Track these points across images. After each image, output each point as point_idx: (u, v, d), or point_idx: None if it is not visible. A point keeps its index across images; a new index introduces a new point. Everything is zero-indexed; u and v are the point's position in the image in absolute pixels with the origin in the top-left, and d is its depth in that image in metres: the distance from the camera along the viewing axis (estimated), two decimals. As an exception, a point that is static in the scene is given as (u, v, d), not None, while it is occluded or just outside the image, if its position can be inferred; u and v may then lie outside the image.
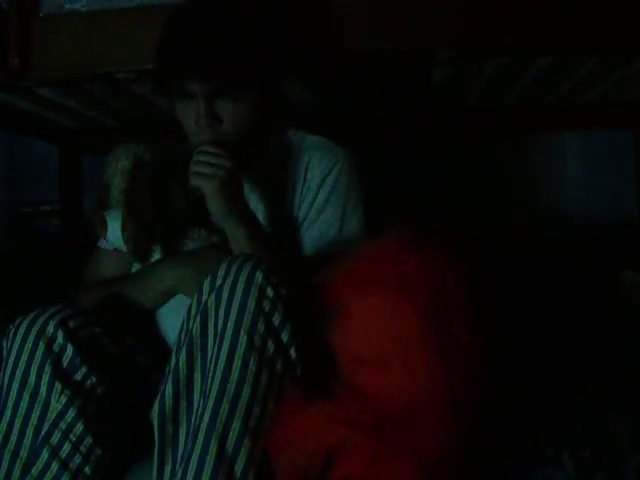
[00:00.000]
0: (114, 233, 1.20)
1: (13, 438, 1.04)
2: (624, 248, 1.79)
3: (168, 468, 0.95)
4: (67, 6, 1.40)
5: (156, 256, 1.25)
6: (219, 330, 0.96)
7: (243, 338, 0.94)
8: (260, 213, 1.29)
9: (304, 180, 1.31)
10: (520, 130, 2.11)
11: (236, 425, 0.92)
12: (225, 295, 0.96)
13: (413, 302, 0.97)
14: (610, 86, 1.77)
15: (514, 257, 1.66)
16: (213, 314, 0.97)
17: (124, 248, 1.21)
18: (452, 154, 2.09)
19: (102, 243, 1.33)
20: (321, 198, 1.30)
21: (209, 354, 0.96)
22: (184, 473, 0.91)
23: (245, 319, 0.95)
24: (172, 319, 1.21)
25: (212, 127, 1.18)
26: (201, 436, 0.92)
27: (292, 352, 0.97)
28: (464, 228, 1.07)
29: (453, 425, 0.94)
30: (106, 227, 1.20)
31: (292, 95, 1.72)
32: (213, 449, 0.91)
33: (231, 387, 0.93)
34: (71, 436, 1.04)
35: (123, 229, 1.19)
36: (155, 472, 0.96)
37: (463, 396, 0.95)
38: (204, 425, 0.92)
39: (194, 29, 1.17)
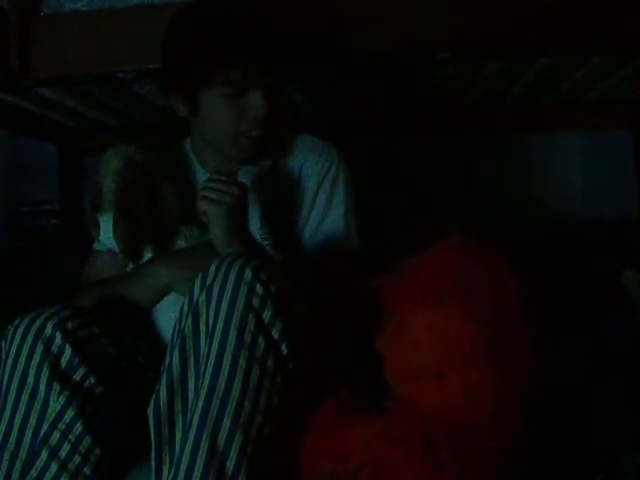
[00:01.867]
0: (106, 233, 1.20)
1: (12, 439, 1.04)
2: (624, 248, 1.79)
3: (166, 468, 0.95)
4: (67, 6, 1.39)
5: (148, 255, 1.25)
6: (210, 328, 0.96)
7: (233, 335, 0.94)
8: (256, 214, 1.29)
9: (299, 180, 1.32)
10: (520, 130, 2.11)
11: (227, 421, 0.92)
12: (215, 293, 0.96)
13: (473, 313, 0.95)
14: (610, 86, 1.77)
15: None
16: (204, 312, 0.97)
17: (117, 248, 1.21)
18: (452, 154, 2.08)
19: (97, 245, 1.33)
20: (322, 199, 1.31)
21: (201, 352, 0.96)
22: (177, 469, 0.91)
23: (235, 316, 0.95)
24: (168, 317, 1.20)
25: (267, 120, 1.20)
26: (192, 432, 0.92)
27: (283, 348, 0.97)
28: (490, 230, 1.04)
29: (504, 438, 0.93)
30: (99, 228, 1.21)
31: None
32: (205, 445, 0.91)
33: (221, 383, 0.93)
34: (70, 436, 1.03)
35: (114, 228, 1.19)
36: (153, 472, 0.96)
37: (516, 409, 0.94)
38: (195, 421, 0.92)
39: (253, 21, 1.18)
